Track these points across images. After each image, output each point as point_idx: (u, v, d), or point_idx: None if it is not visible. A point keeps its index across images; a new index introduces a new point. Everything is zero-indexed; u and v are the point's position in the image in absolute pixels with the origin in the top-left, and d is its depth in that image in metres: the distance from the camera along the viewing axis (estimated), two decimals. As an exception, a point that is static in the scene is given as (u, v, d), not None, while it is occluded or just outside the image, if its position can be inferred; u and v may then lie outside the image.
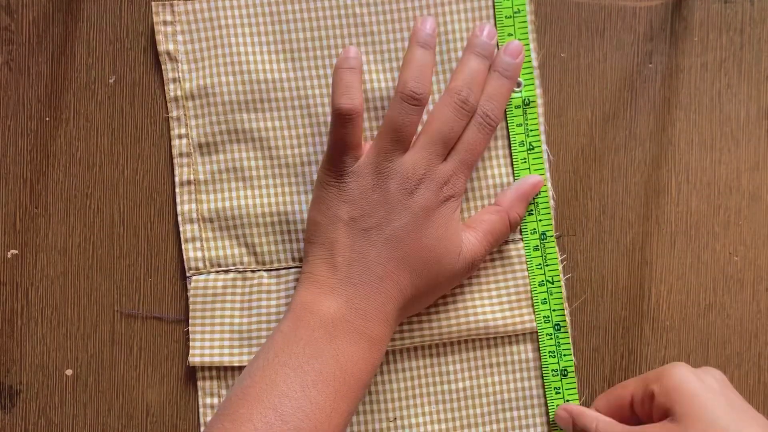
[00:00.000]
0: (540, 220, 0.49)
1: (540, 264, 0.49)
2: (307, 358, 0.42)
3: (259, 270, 0.48)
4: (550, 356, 0.48)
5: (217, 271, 0.48)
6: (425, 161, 0.45)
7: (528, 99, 0.49)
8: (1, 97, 0.49)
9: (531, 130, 0.49)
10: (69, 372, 0.49)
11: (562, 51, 0.50)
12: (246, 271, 0.48)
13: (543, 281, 0.48)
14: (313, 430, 0.40)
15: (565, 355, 0.48)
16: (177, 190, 0.49)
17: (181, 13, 0.48)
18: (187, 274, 0.48)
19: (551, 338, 0.49)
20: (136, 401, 0.49)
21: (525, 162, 0.49)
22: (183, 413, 0.49)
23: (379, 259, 0.44)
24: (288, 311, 0.44)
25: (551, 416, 0.49)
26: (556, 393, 0.48)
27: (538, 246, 0.49)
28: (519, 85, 0.49)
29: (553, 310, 0.48)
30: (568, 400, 0.48)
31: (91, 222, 0.49)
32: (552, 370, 0.48)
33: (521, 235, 0.49)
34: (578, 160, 0.50)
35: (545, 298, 0.48)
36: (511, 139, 0.49)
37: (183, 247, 0.48)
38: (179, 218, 0.48)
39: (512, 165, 0.49)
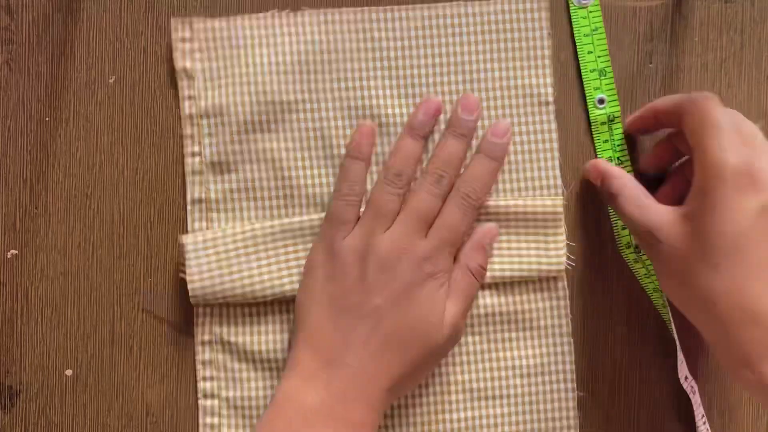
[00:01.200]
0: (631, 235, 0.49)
1: (647, 273, 0.49)
2: None
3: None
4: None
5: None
6: (403, 237, 0.45)
7: (612, 115, 0.49)
8: (1, 97, 0.49)
9: (617, 146, 0.49)
10: (69, 372, 0.49)
11: (563, 51, 0.50)
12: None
13: (656, 287, 0.49)
14: None
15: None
16: (188, 208, 0.49)
17: (199, 31, 0.48)
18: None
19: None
20: (136, 401, 0.49)
21: (608, 143, 0.49)
22: (183, 413, 0.49)
23: (360, 338, 0.43)
24: (272, 400, 0.44)
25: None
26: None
27: (637, 259, 0.49)
28: (602, 102, 0.49)
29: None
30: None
31: (91, 222, 0.49)
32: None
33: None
34: (578, 160, 0.50)
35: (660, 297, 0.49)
36: (599, 156, 0.49)
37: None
38: None
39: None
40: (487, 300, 0.49)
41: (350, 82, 0.49)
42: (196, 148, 0.49)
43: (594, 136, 0.49)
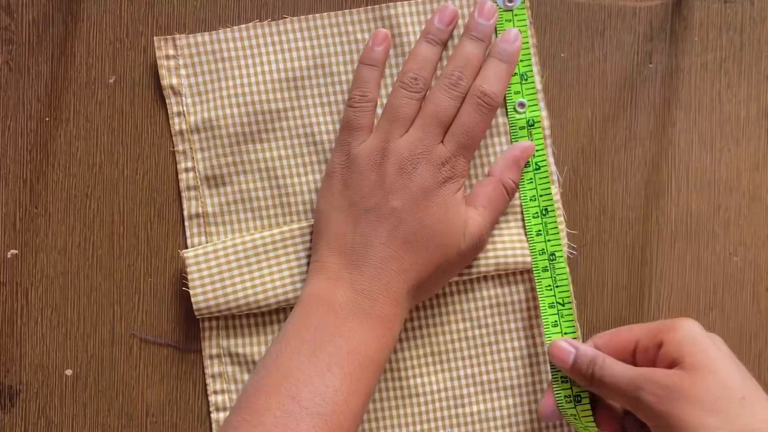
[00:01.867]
0: (548, 241, 0.48)
1: (550, 285, 0.48)
2: (319, 343, 0.42)
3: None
4: (562, 380, 0.47)
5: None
6: (420, 141, 0.45)
7: (532, 120, 0.49)
8: (1, 97, 0.49)
9: (537, 151, 0.48)
10: (69, 372, 0.49)
11: (562, 51, 0.50)
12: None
13: (553, 303, 0.48)
14: (332, 414, 0.40)
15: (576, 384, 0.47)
16: (186, 223, 0.49)
17: (183, 47, 0.48)
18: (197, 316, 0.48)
19: None
20: (136, 401, 0.49)
21: (531, 182, 0.48)
22: (183, 413, 0.49)
23: (380, 239, 0.44)
24: (298, 302, 0.45)
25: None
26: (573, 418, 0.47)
27: (547, 267, 0.48)
28: (522, 105, 0.49)
29: (565, 333, 0.48)
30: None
31: (91, 222, 0.49)
32: (565, 396, 0.47)
33: (529, 252, 0.48)
34: (578, 160, 0.50)
35: (556, 321, 0.48)
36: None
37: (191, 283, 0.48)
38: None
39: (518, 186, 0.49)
40: (491, 291, 0.49)
41: (337, 85, 0.49)
42: (189, 164, 0.49)
43: (512, 139, 0.49)
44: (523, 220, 0.49)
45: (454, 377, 0.49)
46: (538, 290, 0.48)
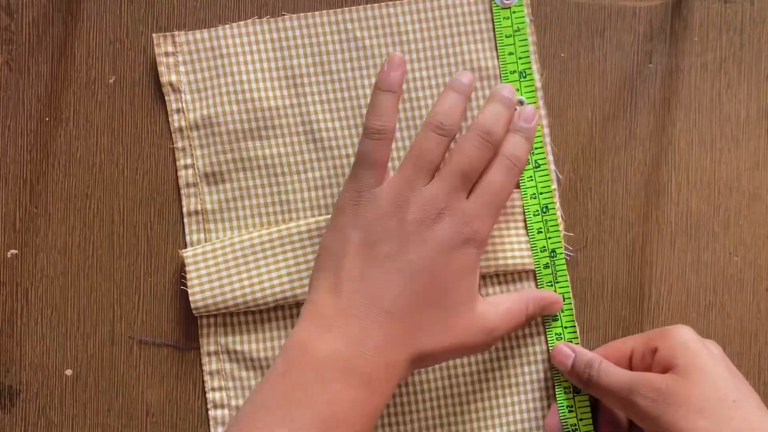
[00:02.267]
0: (549, 238, 0.48)
1: (551, 282, 0.48)
2: (296, 405, 0.39)
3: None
4: (565, 391, 0.48)
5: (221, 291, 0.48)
6: (445, 193, 0.43)
7: None
8: (1, 97, 0.49)
9: (536, 148, 0.48)
10: (69, 372, 0.49)
11: (562, 51, 0.50)
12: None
13: None
14: None
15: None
16: (185, 220, 0.49)
17: (182, 44, 0.48)
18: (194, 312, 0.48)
19: None
20: (136, 401, 0.49)
21: (531, 180, 0.48)
22: (183, 413, 0.49)
23: (388, 290, 0.41)
24: (282, 349, 0.41)
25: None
26: (573, 428, 0.48)
27: (548, 264, 0.48)
28: (521, 103, 0.49)
29: (565, 328, 0.48)
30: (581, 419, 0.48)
31: (91, 222, 0.49)
32: (565, 387, 0.48)
33: (531, 252, 0.48)
34: (578, 160, 0.50)
35: (556, 315, 0.48)
36: None
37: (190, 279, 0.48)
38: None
39: (518, 183, 0.49)
40: (490, 289, 0.49)
41: (336, 83, 0.49)
42: (189, 161, 0.49)
43: None
44: (524, 220, 0.49)
45: (452, 375, 0.49)
46: (539, 286, 0.48)
